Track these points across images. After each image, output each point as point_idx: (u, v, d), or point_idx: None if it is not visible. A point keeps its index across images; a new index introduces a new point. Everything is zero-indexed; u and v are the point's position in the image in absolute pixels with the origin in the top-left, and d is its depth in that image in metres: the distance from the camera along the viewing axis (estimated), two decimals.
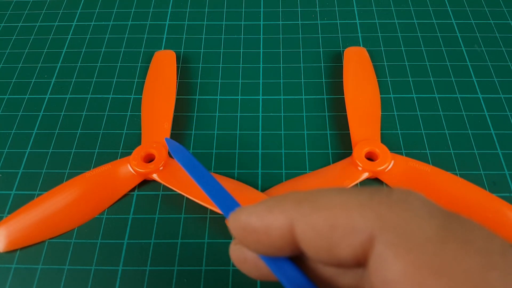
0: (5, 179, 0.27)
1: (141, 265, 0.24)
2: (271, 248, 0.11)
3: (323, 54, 0.34)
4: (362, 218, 0.10)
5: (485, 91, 0.31)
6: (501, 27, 0.35)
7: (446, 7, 0.37)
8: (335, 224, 0.10)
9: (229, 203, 0.14)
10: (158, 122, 0.28)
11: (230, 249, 0.13)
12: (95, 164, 0.28)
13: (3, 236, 0.24)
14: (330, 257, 0.10)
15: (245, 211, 0.11)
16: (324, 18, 0.36)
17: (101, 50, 0.34)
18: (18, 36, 0.35)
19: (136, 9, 0.37)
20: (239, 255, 0.13)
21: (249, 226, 0.11)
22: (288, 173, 0.27)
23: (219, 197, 0.14)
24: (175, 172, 0.26)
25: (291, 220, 0.11)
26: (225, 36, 0.35)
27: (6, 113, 0.31)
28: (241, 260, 0.13)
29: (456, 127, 0.29)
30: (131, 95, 0.31)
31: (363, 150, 0.26)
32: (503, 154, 0.28)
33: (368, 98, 0.30)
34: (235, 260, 0.13)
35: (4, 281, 0.24)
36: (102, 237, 0.25)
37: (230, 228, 0.12)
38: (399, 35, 0.35)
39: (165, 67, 0.31)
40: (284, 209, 0.11)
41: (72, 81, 0.32)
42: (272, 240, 0.11)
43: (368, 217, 0.10)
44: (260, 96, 0.31)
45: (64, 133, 0.29)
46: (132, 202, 0.26)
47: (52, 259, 0.24)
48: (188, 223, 0.26)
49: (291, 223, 0.11)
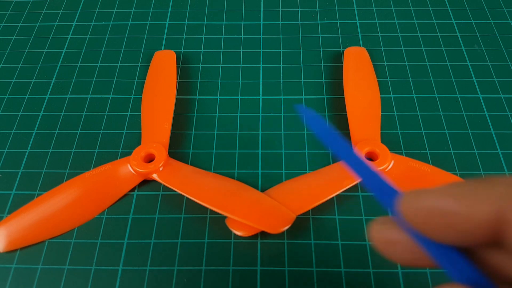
0: (5, 179, 0.27)
1: (141, 265, 0.24)
2: (464, 235, 0.10)
3: (323, 54, 0.34)
4: None
5: (485, 91, 0.31)
6: (501, 27, 0.35)
7: (446, 7, 0.37)
8: None
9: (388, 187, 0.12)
10: (158, 122, 0.28)
11: (373, 229, 0.12)
12: (95, 164, 0.28)
13: (3, 236, 0.24)
14: None
15: (431, 192, 0.11)
16: (324, 18, 0.36)
17: (101, 50, 0.34)
18: (18, 36, 0.35)
19: (136, 9, 0.37)
20: (388, 237, 0.12)
21: (442, 210, 0.10)
22: (288, 173, 0.27)
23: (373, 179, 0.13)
24: (175, 172, 0.26)
25: (502, 205, 0.10)
26: (225, 36, 0.35)
27: (6, 113, 0.31)
28: (391, 242, 0.12)
29: (456, 127, 0.29)
30: (131, 95, 0.31)
31: (363, 150, 0.26)
32: (503, 154, 0.28)
33: (368, 98, 0.30)
34: (381, 242, 0.12)
35: (4, 281, 0.24)
36: (102, 237, 0.25)
37: (405, 210, 0.11)
38: (399, 35, 0.35)
39: (165, 67, 0.31)
40: (494, 193, 0.10)
41: (72, 81, 0.32)
42: (471, 226, 0.10)
43: None
44: (260, 96, 0.31)
45: (64, 133, 0.29)
46: (132, 202, 0.26)
47: (52, 259, 0.24)
48: (188, 223, 0.26)
49: (501, 209, 0.10)
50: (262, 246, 0.25)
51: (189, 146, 0.29)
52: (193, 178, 0.26)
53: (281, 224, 0.24)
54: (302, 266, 0.24)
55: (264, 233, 0.24)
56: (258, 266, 0.24)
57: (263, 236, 0.25)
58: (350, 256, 0.24)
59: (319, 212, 0.26)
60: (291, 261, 0.24)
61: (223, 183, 0.26)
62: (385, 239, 0.12)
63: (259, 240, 0.25)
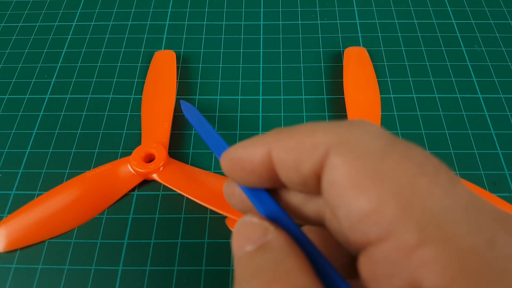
0: (5, 179, 0.27)
1: (141, 265, 0.24)
2: (253, 176, 0.13)
3: (323, 54, 0.34)
4: (324, 136, 0.12)
5: (485, 91, 0.31)
6: (501, 27, 0.35)
7: (446, 7, 0.37)
8: (301, 142, 0.12)
9: (223, 147, 0.16)
10: (158, 122, 0.28)
11: (224, 185, 0.15)
12: (95, 164, 0.28)
13: (3, 236, 0.25)
14: (297, 176, 0.12)
15: (234, 147, 0.13)
16: (324, 18, 0.36)
17: (101, 50, 0.34)
18: (18, 36, 0.35)
19: (136, 9, 0.37)
20: (229, 190, 0.15)
21: (236, 157, 0.13)
22: None
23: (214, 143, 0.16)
24: (175, 172, 0.26)
25: (270, 146, 0.12)
26: (225, 36, 0.35)
27: (6, 113, 0.31)
28: (230, 194, 0.15)
29: (456, 127, 0.29)
30: (131, 95, 0.31)
31: None
32: (503, 154, 0.28)
33: (368, 98, 0.30)
34: (226, 194, 0.15)
35: (4, 281, 0.24)
36: (102, 237, 0.25)
37: (221, 164, 0.14)
38: (399, 35, 0.35)
39: (165, 67, 0.31)
40: (266, 140, 0.13)
41: (72, 81, 0.32)
42: (254, 166, 0.13)
43: (329, 135, 0.12)
44: (260, 96, 0.31)
45: (64, 133, 0.29)
46: (132, 202, 0.26)
47: (52, 259, 0.24)
48: (188, 223, 0.26)
49: (270, 150, 0.12)
50: None
51: (189, 146, 0.29)
52: (193, 178, 0.26)
53: None
54: None
55: None
56: None
57: None
58: None
59: None
60: None
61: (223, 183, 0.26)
62: (227, 192, 0.15)
63: None
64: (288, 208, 0.14)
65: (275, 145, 0.12)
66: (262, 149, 0.13)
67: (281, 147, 0.12)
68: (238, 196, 0.15)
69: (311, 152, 0.12)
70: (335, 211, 0.11)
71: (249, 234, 0.12)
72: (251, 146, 0.13)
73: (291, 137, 0.12)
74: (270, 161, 0.12)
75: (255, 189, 0.14)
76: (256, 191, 0.14)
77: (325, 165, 0.11)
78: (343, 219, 0.11)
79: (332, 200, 0.11)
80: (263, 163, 0.13)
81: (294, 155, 0.12)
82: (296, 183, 0.12)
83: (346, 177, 0.11)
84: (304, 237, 0.12)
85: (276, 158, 0.12)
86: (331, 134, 0.12)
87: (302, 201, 0.14)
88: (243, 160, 0.13)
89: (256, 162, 0.13)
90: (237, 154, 0.13)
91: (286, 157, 0.12)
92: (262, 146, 0.13)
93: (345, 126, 0.12)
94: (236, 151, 0.13)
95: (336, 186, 0.11)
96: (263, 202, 0.13)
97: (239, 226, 0.13)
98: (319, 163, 0.11)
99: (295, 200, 0.14)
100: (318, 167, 0.11)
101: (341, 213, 0.11)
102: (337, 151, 0.11)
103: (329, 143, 0.11)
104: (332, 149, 0.11)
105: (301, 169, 0.12)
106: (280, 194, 0.14)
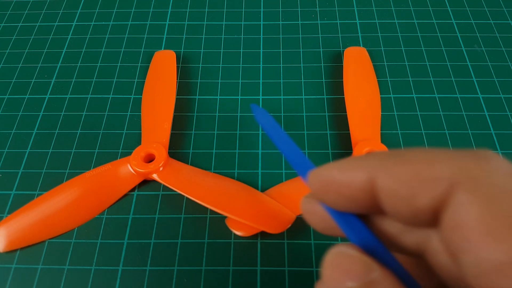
0: (5, 179, 0.27)
1: (141, 265, 0.24)
2: (349, 201, 0.12)
3: (323, 54, 0.34)
4: (446, 168, 0.10)
5: (485, 91, 0.31)
6: (501, 27, 0.35)
7: (446, 7, 0.37)
8: (417, 173, 0.11)
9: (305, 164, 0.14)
10: (158, 122, 0.28)
11: (302, 201, 0.14)
12: (95, 164, 0.28)
13: (3, 236, 0.25)
14: (407, 208, 0.11)
15: (327, 167, 0.12)
16: (324, 18, 0.36)
17: (101, 50, 0.34)
18: (18, 36, 0.35)
19: (136, 9, 0.37)
20: (310, 207, 0.14)
21: (331, 179, 0.12)
22: (288, 173, 0.27)
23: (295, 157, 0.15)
24: (175, 172, 0.26)
25: (374, 172, 0.11)
26: (225, 36, 0.35)
27: (6, 113, 0.31)
28: (311, 212, 0.14)
29: (456, 127, 0.29)
30: (131, 95, 0.31)
31: (363, 150, 0.26)
32: (503, 154, 0.28)
33: (368, 98, 0.30)
34: (305, 211, 0.14)
35: (4, 281, 0.24)
36: (102, 237, 0.25)
37: (309, 183, 0.13)
38: (399, 35, 0.35)
39: (165, 67, 0.31)
40: (368, 164, 0.12)
41: (72, 81, 0.32)
42: (352, 192, 0.12)
43: (451, 167, 0.10)
44: (260, 96, 0.31)
45: (64, 133, 0.29)
46: (132, 202, 0.26)
47: (52, 259, 0.24)
48: (188, 223, 0.26)
49: (373, 176, 0.11)
50: (262, 246, 0.25)
51: (189, 146, 0.29)
52: (193, 178, 0.26)
53: (281, 224, 0.24)
54: (302, 266, 0.24)
55: (264, 233, 0.24)
56: (258, 266, 0.24)
57: (263, 236, 0.25)
58: None
59: None
60: (291, 261, 0.24)
61: (223, 183, 0.26)
62: (306, 209, 0.14)
63: (259, 240, 0.25)
64: (381, 236, 0.13)
65: (381, 172, 0.11)
66: (364, 174, 0.11)
67: (389, 175, 0.11)
68: (320, 215, 0.14)
69: (430, 186, 0.10)
70: (458, 254, 0.10)
71: (349, 268, 0.11)
72: (350, 169, 0.12)
73: (402, 165, 0.11)
74: (373, 188, 0.11)
75: (345, 213, 0.13)
76: (346, 216, 0.13)
77: (449, 203, 0.10)
78: (467, 264, 0.10)
79: (455, 242, 0.10)
80: (363, 189, 0.12)
81: (408, 187, 0.11)
82: (404, 215, 0.11)
83: (477, 220, 0.10)
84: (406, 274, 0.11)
85: (383, 187, 0.11)
86: (455, 167, 0.10)
87: (400, 230, 0.12)
88: (340, 184, 0.12)
89: (355, 188, 0.12)
90: (333, 176, 0.12)
91: (396, 187, 0.11)
92: (363, 171, 0.12)
93: (469, 158, 0.11)
94: (331, 172, 0.12)
95: (463, 229, 0.10)
96: (356, 229, 0.12)
97: (336, 257, 0.12)
98: (439, 199, 0.10)
99: (392, 229, 0.13)
100: (438, 203, 0.10)
101: (467, 259, 0.10)
102: (465, 188, 0.10)
103: (453, 177, 0.10)
104: (458, 185, 0.10)
105: (415, 202, 0.11)
106: (373, 220, 0.13)
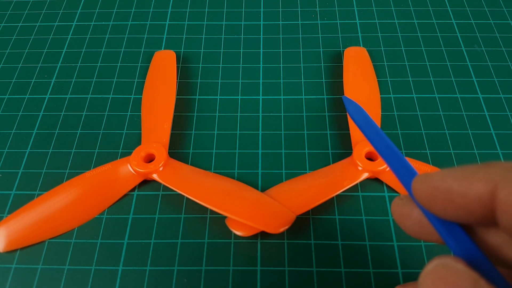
0: (5, 179, 0.27)
1: (141, 265, 0.24)
2: (460, 211, 0.11)
3: (323, 54, 0.34)
4: None
5: (485, 91, 0.31)
6: (501, 27, 0.35)
7: (446, 7, 0.37)
8: None
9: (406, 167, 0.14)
10: (158, 122, 0.28)
11: (394, 203, 0.14)
12: (95, 164, 0.28)
13: (3, 236, 0.25)
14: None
15: (439, 174, 0.12)
16: (324, 18, 0.36)
17: (101, 50, 0.34)
18: (18, 36, 0.35)
19: (136, 9, 0.37)
20: (404, 211, 0.14)
21: (445, 187, 0.12)
22: (288, 173, 0.27)
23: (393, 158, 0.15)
24: (175, 172, 0.26)
25: (495, 184, 0.11)
26: (225, 36, 0.35)
27: (6, 113, 0.31)
28: (405, 216, 0.14)
29: (456, 127, 0.29)
30: (131, 95, 0.31)
31: (363, 150, 0.26)
32: (503, 154, 0.28)
33: (368, 98, 0.30)
34: (398, 214, 0.14)
35: (4, 281, 0.24)
36: (102, 237, 0.25)
37: (415, 189, 0.13)
38: (399, 35, 0.35)
39: (165, 67, 0.31)
40: (490, 176, 0.11)
41: (72, 81, 0.32)
42: (467, 202, 0.11)
43: None
44: (260, 96, 0.31)
45: (64, 133, 0.29)
46: (132, 202, 0.26)
47: (52, 259, 0.24)
48: (188, 223, 0.26)
49: (494, 188, 0.11)
50: (262, 246, 0.25)
51: (189, 146, 0.29)
52: (193, 178, 0.26)
53: (281, 224, 0.24)
54: (302, 266, 0.24)
55: (264, 233, 0.24)
56: (258, 266, 0.24)
57: (263, 236, 0.25)
58: (350, 256, 0.24)
59: (319, 212, 0.26)
60: (291, 261, 0.24)
61: (223, 183, 0.26)
62: (400, 212, 0.14)
63: (259, 240, 0.25)
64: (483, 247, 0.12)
65: (505, 185, 0.11)
66: (485, 186, 0.11)
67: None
68: (416, 220, 0.13)
69: None
70: None
71: (456, 283, 0.11)
72: (469, 179, 0.11)
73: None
74: (492, 199, 0.11)
75: (448, 222, 0.12)
76: (450, 225, 0.12)
77: None
78: None
79: None
80: (480, 201, 0.11)
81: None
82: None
83: None
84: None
85: (506, 201, 0.11)
86: None
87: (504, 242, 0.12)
88: (453, 193, 0.11)
89: (471, 198, 0.11)
90: (446, 184, 0.12)
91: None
92: (483, 182, 0.11)
93: None
94: (444, 180, 0.12)
95: None
96: (460, 241, 0.12)
97: (440, 270, 0.11)
98: None
99: (496, 241, 0.12)
100: None
101: None
102: None
103: None
104: None
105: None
106: (476, 231, 0.13)
